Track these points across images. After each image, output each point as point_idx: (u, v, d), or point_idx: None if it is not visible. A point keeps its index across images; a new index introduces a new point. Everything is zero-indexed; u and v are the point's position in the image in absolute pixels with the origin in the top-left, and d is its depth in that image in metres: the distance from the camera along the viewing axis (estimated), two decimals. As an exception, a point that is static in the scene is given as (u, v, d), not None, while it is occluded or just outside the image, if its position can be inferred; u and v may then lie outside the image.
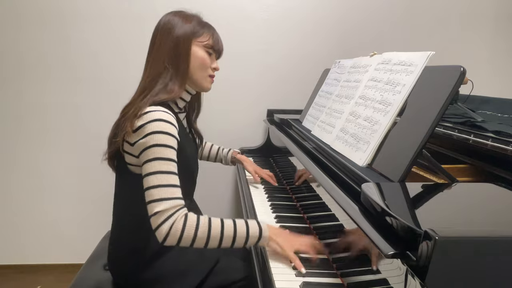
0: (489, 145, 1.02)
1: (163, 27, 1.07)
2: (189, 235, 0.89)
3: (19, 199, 2.09)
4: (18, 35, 1.92)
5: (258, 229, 0.97)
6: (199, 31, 1.08)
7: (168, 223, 0.88)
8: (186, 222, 0.90)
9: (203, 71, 1.10)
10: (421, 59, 0.95)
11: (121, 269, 1.10)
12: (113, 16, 1.95)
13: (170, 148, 0.94)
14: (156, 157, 0.92)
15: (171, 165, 0.93)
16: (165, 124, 0.94)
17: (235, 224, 0.95)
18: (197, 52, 1.08)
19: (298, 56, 2.11)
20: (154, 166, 0.91)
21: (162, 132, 0.93)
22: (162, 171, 0.91)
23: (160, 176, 0.90)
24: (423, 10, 2.14)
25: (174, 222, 0.88)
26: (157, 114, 0.95)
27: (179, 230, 0.88)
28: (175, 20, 1.07)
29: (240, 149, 2.04)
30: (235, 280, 1.13)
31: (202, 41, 1.08)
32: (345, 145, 1.09)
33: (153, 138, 0.92)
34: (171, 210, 0.89)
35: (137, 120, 0.95)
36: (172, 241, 0.89)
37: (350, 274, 0.87)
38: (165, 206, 0.88)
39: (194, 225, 0.90)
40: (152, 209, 0.89)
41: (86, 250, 1.38)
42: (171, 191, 0.91)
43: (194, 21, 1.08)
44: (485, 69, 2.21)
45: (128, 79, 1.95)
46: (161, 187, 0.90)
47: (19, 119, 2.01)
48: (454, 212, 0.72)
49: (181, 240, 0.89)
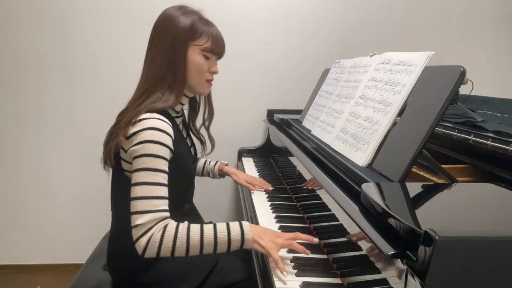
0: (489, 145, 1.02)
1: (162, 22, 1.04)
2: (167, 247, 0.89)
3: (19, 199, 2.09)
4: (17, 35, 1.92)
5: (240, 233, 0.94)
6: (197, 33, 1.03)
7: (146, 237, 0.88)
8: (164, 234, 0.89)
9: (200, 76, 1.07)
10: (421, 59, 0.95)
11: (121, 271, 1.10)
12: (113, 16, 1.95)
13: (160, 159, 0.92)
14: (145, 167, 0.91)
15: (160, 176, 0.92)
16: (159, 134, 0.93)
17: (215, 230, 0.93)
18: (193, 57, 1.04)
19: (298, 56, 2.11)
20: (141, 177, 0.90)
21: (154, 142, 0.92)
22: (148, 182, 0.90)
23: (146, 188, 0.90)
24: (423, 10, 2.14)
25: (152, 235, 0.88)
26: (151, 122, 0.94)
27: (156, 243, 0.88)
28: (174, 15, 1.03)
29: (240, 149, 2.04)
30: (235, 281, 1.13)
31: (199, 44, 1.04)
32: (345, 145, 1.09)
33: (145, 148, 0.91)
34: (150, 223, 0.89)
35: (131, 126, 0.94)
36: (151, 253, 0.89)
37: (350, 274, 0.87)
38: (146, 219, 0.88)
39: (172, 236, 0.90)
40: (134, 221, 0.89)
41: (86, 250, 1.38)
42: (155, 203, 0.90)
43: (194, 19, 1.03)
44: (485, 69, 2.21)
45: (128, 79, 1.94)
46: (145, 199, 0.89)
47: (19, 119, 2.01)
48: (454, 212, 0.72)
49: (160, 252, 0.89)
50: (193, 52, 1.04)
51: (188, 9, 1.06)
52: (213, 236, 0.93)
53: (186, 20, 1.03)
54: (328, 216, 1.02)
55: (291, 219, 1.23)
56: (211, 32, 1.05)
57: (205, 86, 1.11)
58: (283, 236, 0.97)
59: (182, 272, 1.07)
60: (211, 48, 1.05)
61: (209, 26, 1.06)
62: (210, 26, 1.07)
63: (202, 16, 1.07)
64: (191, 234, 0.91)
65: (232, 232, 0.94)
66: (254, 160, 1.96)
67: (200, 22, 1.04)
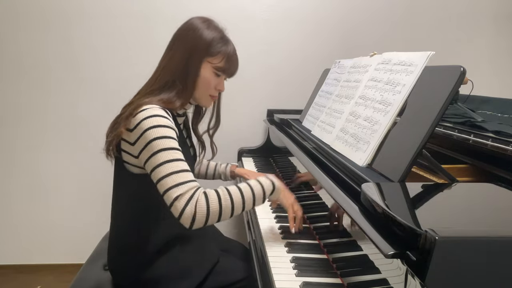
0: (489, 145, 1.02)
1: (185, 31, 1.07)
2: (215, 210, 0.90)
3: (19, 199, 2.09)
4: (18, 34, 1.92)
5: (271, 183, 1.03)
6: (214, 50, 1.05)
7: (191, 205, 0.88)
8: (208, 199, 0.90)
9: (205, 90, 1.09)
10: (421, 59, 0.95)
11: (121, 270, 1.10)
12: (114, 15, 1.95)
13: (171, 139, 0.94)
14: (159, 149, 0.91)
15: (177, 153, 0.93)
16: (161, 118, 0.95)
17: (251, 186, 0.99)
18: (205, 73, 1.06)
19: (298, 56, 2.11)
20: (160, 158, 0.91)
21: (159, 126, 0.94)
22: (169, 160, 0.91)
23: (169, 165, 0.90)
24: (423, 10, 2.14)
25: (197, 202, 0.88)
26: (151, 110, 0.96)
27: (204, 208, 0.88)
28: (198, 27, 1.05)
29: (240, 149, 2.04)
30: (235, 280, 1.13)
31: (213, 62, 1.06)
32: (345, 145, 1.09)
33: (152, 133, 0.93)
34: (190, 192, 0.89)
35: (133, 118, 0.96)
36: (199, 222, 0.89)
37: (350, 274, 0.87)
38: (184, 189, 0.88)
39: (216, 199, 0.91)
40: (171, 196, 0.88)
41: (86, 250, 1.38)
42: (184, 175, 0.90)
43: (215, 36, 1.05)
44: (485, 69, 2.21)
45: (129, 79, 1.96)
46: (172, 174, 0.89)
47: (20, 119, 2.01)
48: (454, 212, 0.72)
49: (208, 217, 0.90)
50: (205, 68, 1.06)
51: (212, 25, 1.08)
52: (250, 190, 0.98)
53: (208, 35, 1.05)
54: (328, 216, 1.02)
55: (291, 219, 1.22)
56: (227, 52, 1.07)
57: (208, 101, 1.13)
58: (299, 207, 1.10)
59: (182, 271, 1.07)
60: (223, 68, 1.08)
61: (227, 46, 1.08)
62: (229, 46, 1.08)
63: (224, 35, 1.09)
64: (233, 194, 0.95)
65: (265, 184, 1.02)
66: (254, 160, 1.96)
67: (220, 41, 1.06)
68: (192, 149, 1.26)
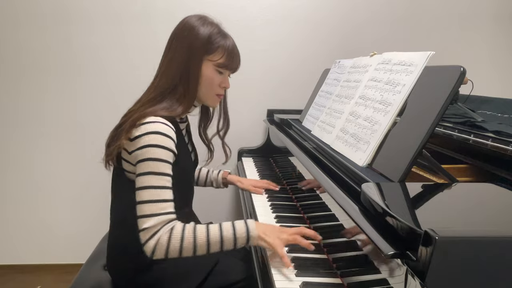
0: (489, 145, 1.02)
1: (181, 31, 1.05)
2: (175, 248, 0.91)
3: (19, 199, 2.09)
4: (18, 35, 1.92)
5: (245, 230, 0.96)
6: (213, 47, 1.03)
7: (154, 239, 0.90)
8: (171, 236, 0.91)
9: (210, 90, 1.08)
10: (421, 59, 0.95)
11: (120, 271, 1.10)
12: (114, 15, 1.95)
13: (165, 163, 0.94)
14: (150, 171, 0.92)
15: (165, 179, 0.93)
16: (162, 138, 0.94)
17: (221, 229, 0.95)
18: (207, 72, 1.04)
19: (298, 56, 2.11)
20: (147, 181, 0.91)
21: (158, 146, 0.93)
22: (154, 186, 0.92)
23: (152, 191, 0.91)
24: (423, 10, 2.14)
25: (159, 238, 0.90)
26: (155, 126, 0.94)
27: (164, 245, 0.90)
28: (194, 25, 1.03)
29: (240, 149, 2.04)
30: (235, 281, 1.13)
31: (213, 60, 1.04)
32: (345, 145, 1.09)
33: (148, 152, 0.92)
34: (158, 226, 0.91)
35: (135, 129, 0.95)
36: (159, 255, 0.91)
37: (350, 274, 0.87)
38: (153, 222, 0.90)
39: (179, 237, 0.92)
40: (141, 225, 0.91)
41: (86, 250, 1.38)
42: (161, 206, 0.91)
43: (212, 32, 1.03)
44: (485, 69, 2.21)
45: (129, 80, 1.97)
46: (151, 202, 0.91)
47: (20, 119, 2.01)
48: (454, 212, 0.72)
49: (168, 253, 0.91)
50: (207, 67, 1.05)
51: (208, 21, 1.06)
52: (219, 235, 0.94)
53: (204, 32, 1.03)
54: (328, 216, 1.02)
55: (291, 219, 1.23)
56: (227, 46, 1.05)
57: (215, 100, 1.12)
58: (287, 231, 0.98)
59: (182, 272, 1.07)
60: (225, 64, 1.06)
61: (226, 40, 1.05)
62: (227, 40, 1.06)
63: (221, 29, 1.07)
64: (198, 234, 0.93)
65: (238, 230, 0.95)
66: (254, 160, 1.96)
67: (218, 35, 1.04)
68: (194, 154, 1.26)
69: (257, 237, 0.96)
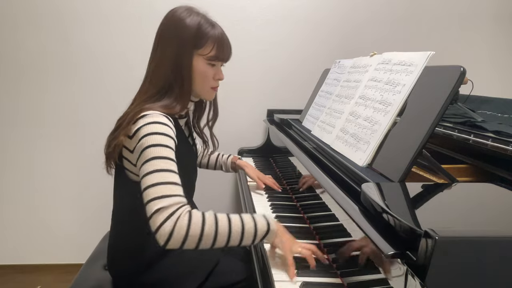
0: (489, 145, 1.02)
1: (168, 25, 1.02)
2: (195, 234, 0.81)
3: (19, 199, 2.09)
4: (16, 35, 1.92)
5: (266, 223, 0.92)
6: (201, 41, 1.00)
7: (171, 221, 0.79)
8: (191, 219, 0.81)
9: (205, 84, 1.06)
10: (421, 59, 0.95)
11: (121, 271, 1.10)
12: (111, 15, 1.95)
13: (167, 148, 0.89)
14: (153, 156, 0.86)
15: (170, 163, 0.87)
16: (161, 126, 0.92)
17: (242, 219, 0.89)
18: (198, 66, 1.02)
19: (298, 56, 2.11)
20: (152, 165, 0.85)
21: (157, 133, 0.90)
22: (160, 169, 0.85)
23: (159, 174, 0.84)
24: (423, 10, 2.14)
25: (177, 220, 0.79)
26: (153, 116, 0.93)
27: (184, 229, 0.79)
28: (180, 17, 1.00)
29: (240, 149, 2.04)
30: (235, 281, 1.12)
31: (204, 53, 1.02)
32: (345, 145, 1.09)
33: (148, 140, 0.89)
34: (174, 206, 0.81)
35: (133, 124, 0.94)
36: (175, 242, 0.80)
37: (350, 274, 0.87)
38: (167, 202, 0.80)
39: (200, 222, 0.82)
40: (152, 208, 0.80)
41: (86, 250, 1.38)
42: (172, 188, 0.84)
43: (199, 23, 1.00)
44: (485, 69, 2.21)
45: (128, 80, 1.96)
46: (161, 184, 0.83)
47: (19, 119, 2.00)
48: (454, 212, 0.72)
49: (186, 240, 0.80)
50: (198, 61, 1.02)
51: (194, 11, 1.03)
52: (240, 225, 0.87)
53: (191, 23, 1.00)
54: (328, 216, 1.02)
55: (291, 219, 1.23)
56: (216, 36, 1.02)
57: (210, 93, 1.10)
58: (302, 246, 0.94)
59: (182, 272, 1.07)
60: (216, 56, 1.03)
61: (214, 29, 1.03)
62: (216, 29, 1.03)
63: (207, 19, 1.04)
64: (219, 221, 0.85)
65: (259, 223, 0.91)
66: (254, 160, 1.96)
67: (206, 25, 1.01)
68: (195, 147, 1.26)
69: (276, 232, 0.93)
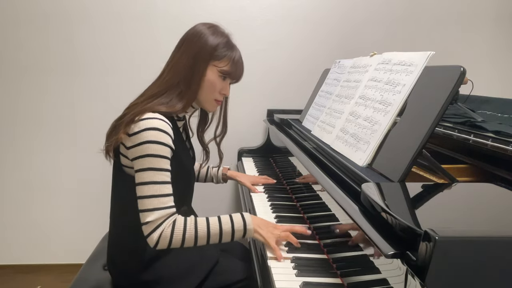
0: (489, 145, 1.02)
1: (191, 36, 1.07)
2: (177, 239, 0.96)
3: (19, 199, 2.09)
4: (18, 34, 1.92)
5: (243, 223, 1.02)
6: (220, 54, 1.06)
7: (157, 232, 0.94)
8: (174, 228, 0.96)
9: (210, 94, 1.09)
10: (421, 59, 0.95)
11: (121, 271, 1.10)
12: (115, 15, 1.95)
13: (163, 158, 0.96)
14: (150, 167, 0.95)
15: (164, 175, 0.97)
16: (161, 134, 0.96)
17: (220, 221, 1.01)
18: (210, 76, 1.07)
19: (298, 56, 2.11)
20: (147, 176, 0.95)
21: (157, 142, 0.95)
22: (155, 182, 0.95)
23: (153, 187, 0.95)
24: (423, 10, 2.14)
25: (162, 231, 0.94)
26: (153, 122, 0.96)
27: (167, 237, 0.95)
28: (204, 33, 1.06)
29: (240, 149, 2.04)
30: (235, 280, 1.13)
31: (219, 66, 1.07)
32: (345, 145, 1.09)
33: (148, 148, 0.94)
34: (160, 219, 0.95)
35: (133, 124, 0.97)
36: (162, 246, 0.96)
37: (350, 274, 0.87)
38: (155, 216, 0.94)
39: (181, 230, 0.97)
40: (144, 219, 0.94)
41: (86, 250, 1.38)
42: (163, 201, 0.95)
43: (220, 42, 1.06)
44: (485, 69, 2.21)
45: (133, 81, 1.96)
46: (153, 197, 0.94)
47: (19, 118, 2.01)
48: (454, 212, 0.72)
49: (170, 244, 0.96)
50: (211, 71, 1.07)
51: (218, 30, 1.09)
52: (218, 227, 1.00)
53: (213, 41, 1.06)
54: (328, 216, 1.03)
55: (291, 219, 1.23)
56: (233, 57, 1.08)
57: (213, 105, 1.13)
58: (280, 228, 1.05)
59: (182, 271, 1.07)
60: (228, 72, 1.08)
61: (233, 51, 1.09)
62: (234, 51, 1.09)
63: (229, 41, 1.10)
64: (199, 227, 0.99)
65: (236, 223, 1.02)
66: (254, 160, 1.96)
67: (226, 45, 1.07)
68: (192, 151, 1.26)
69: (253, 230, 1.02)
